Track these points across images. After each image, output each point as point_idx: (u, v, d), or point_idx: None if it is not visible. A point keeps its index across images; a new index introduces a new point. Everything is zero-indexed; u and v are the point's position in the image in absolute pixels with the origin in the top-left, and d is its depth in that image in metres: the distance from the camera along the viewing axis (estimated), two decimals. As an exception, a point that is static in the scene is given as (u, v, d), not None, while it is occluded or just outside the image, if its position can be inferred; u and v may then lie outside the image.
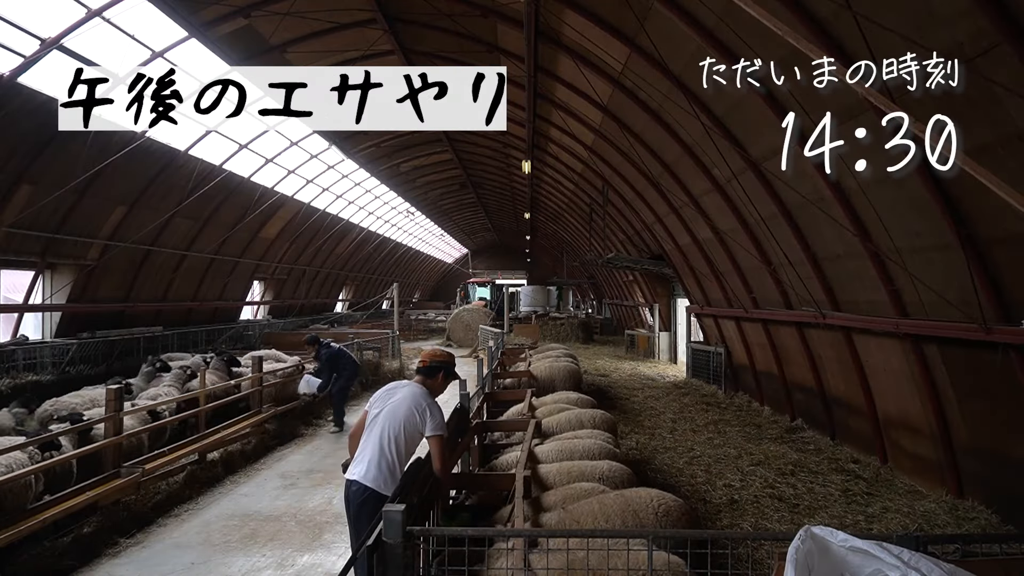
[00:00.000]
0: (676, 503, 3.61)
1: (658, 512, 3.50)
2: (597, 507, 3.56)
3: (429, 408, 3.76)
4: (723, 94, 7.82)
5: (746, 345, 11.70)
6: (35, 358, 11.93)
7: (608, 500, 3.62)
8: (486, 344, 14.87)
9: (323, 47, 12.50)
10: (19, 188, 10.61)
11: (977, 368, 5.82)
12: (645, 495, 3.66)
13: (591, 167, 15.47)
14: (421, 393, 3.83)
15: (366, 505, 3.48)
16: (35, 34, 8.82)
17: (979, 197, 4.88)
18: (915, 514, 5.90)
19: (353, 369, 10.19)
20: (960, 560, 2.31)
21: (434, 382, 4.02)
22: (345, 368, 9.90)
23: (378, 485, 3.53)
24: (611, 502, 3.59)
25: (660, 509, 3.51)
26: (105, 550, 5.13)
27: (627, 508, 3.52)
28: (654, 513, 3.49)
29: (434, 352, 4.20)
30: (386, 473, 3.58)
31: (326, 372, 9.77)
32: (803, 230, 7.95)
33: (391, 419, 3.71)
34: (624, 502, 3.58)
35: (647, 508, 3.52)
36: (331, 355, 9.83)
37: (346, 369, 9.91)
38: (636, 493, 3.69)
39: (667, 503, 3.57)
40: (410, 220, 32.17)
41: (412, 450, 3.77)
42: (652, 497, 3.61)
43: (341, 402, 9.89)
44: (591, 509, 3.56)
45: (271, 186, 17.93)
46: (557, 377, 9.16)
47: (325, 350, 9.86)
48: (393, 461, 3.62)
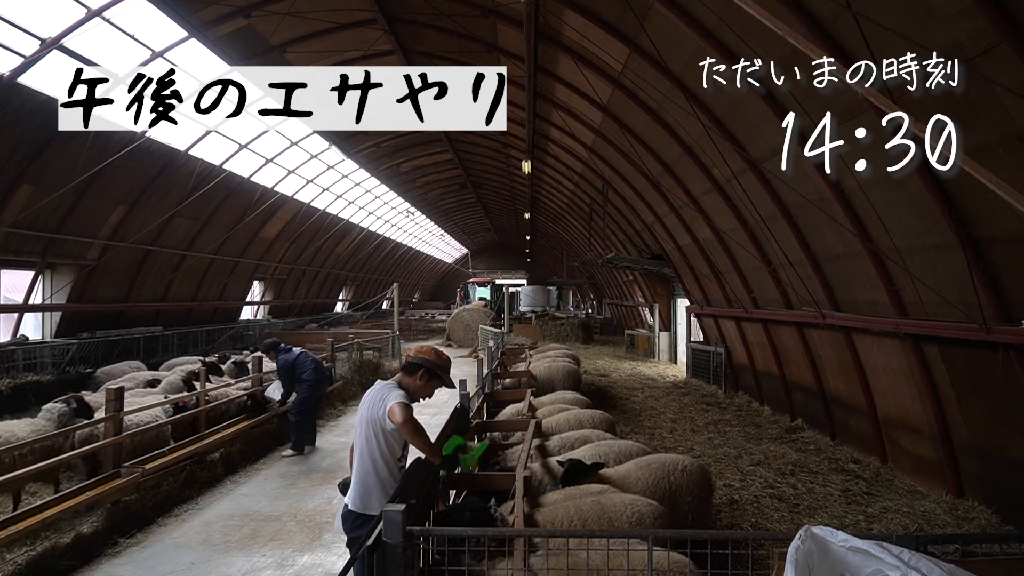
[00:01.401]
0: (649, 507, 3.61)
1: (631, 519, 3.50)
2: (574, 511, 3.56)
3: (386, 398, 3.35)
4: (723, 94, 7.82)
5: (746, 345, 11.70)
6: (35, 358, 11.93)
7: (584, 505, 3.64)
8: (486, 344, 14.87)
9: (323, 47, 12.51)
10: (19, 188, 10.62)
11: (977, 368, 5.82)
12: (619, 500, 3.66)
13: (591, 167, 15.48)
14: (387, 386, 3.46)
15: (355, 531, 3.36)
16: (35, 34, 8.83)
17: (979, 197, 4.88)
18: (915, 514, 5.90)
19: (317, 378, 8.45)
20: (960, 560, 2.31)
21: (412, 381, 3.50)
22: (306, 377, 8.30)
23: (364, 507, 3.36)
24: (587, 507, 3.61)
25: (634, 517, 3.51)
26: (105, 550, 5.13)
27: (603, 515, 3.53)
28: (627, 520, 3.49)
29: (420, 348, 3.70)
30: (371, 487, 3.36)
31: (285, 383, 8.45)
32: (803, 230, 7.95)
33: (361, 427, 3.42)
34: (600, 508, 3.59)
35: (621, 515, 3.53)
36: (287, 363, 8.28)
37: (308, 378, 8.30)
38: (611, 499, 3.70)
39: (640, 509, 3.57)
40: (410, 220, 32.17)
41: (395, 451, 3.45)
42: (627, 504, 3.62)
43: (302, 417, 8.23)
44: (567, 513, 3.57)
45: (271, 186, 17.95)
46: (556, 377, 9.17)
47: (282, 356, 8.32)
48: (374, 472, 3.36)
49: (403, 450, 3.57)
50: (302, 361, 8.38)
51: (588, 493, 3.93)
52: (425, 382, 3.52)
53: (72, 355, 12.61)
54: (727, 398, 12.13)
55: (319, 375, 8.54)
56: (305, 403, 8.28)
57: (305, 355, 8.54)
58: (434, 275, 54.69)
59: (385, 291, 26.14)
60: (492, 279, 39.86)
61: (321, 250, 25.37)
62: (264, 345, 8.84)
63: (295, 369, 8.29)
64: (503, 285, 31.30)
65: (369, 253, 31.29)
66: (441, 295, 54.99)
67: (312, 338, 17.53)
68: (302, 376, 8.28)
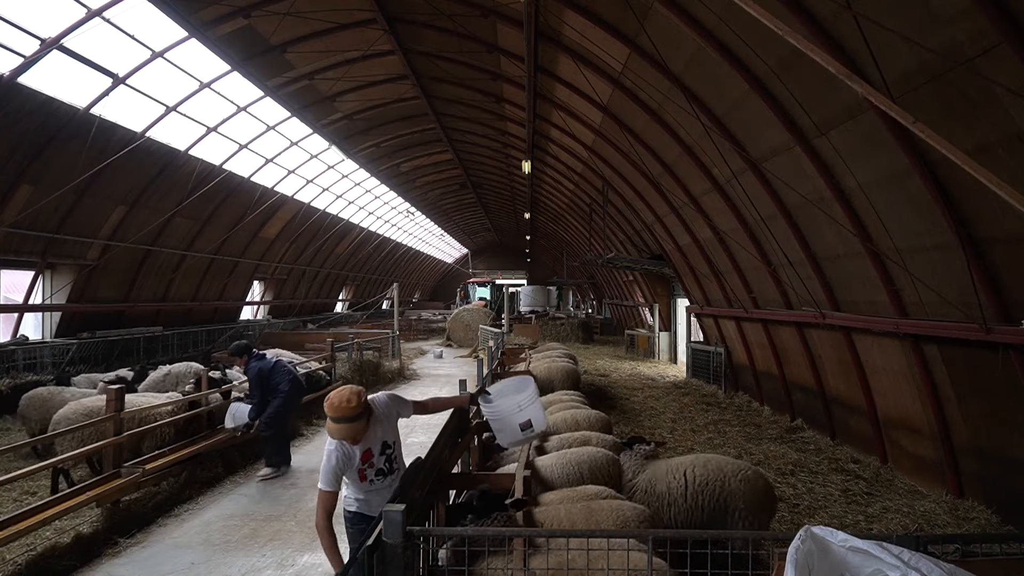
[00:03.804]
0: (634, 511, 3.62)
1: (616, 523, 3.52)
2: (564, 514, 3.59)
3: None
4: (723, 94, 7.84)
5: (746, 345, 11.70)
6: (35, 358, 11.94)
7: (575, 509, 3.66)
8: (486, 344, 14.87)
9: (323, 47, 12.51)
10: (19, 188, 10.62)
11: (977, 368, 5.82)
12: (607, 505, 3.69)
13: (591, 167, 15.48)
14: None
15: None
16: (35, 34, 8.83)
17: (979, 197, 4.88)
18: (915, 514, 5.91)
19: (293, 389, 7.45)
20: (960, 560, 2.31)
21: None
22: (282, 388, 7.30)
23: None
24: (577, 511, 3.63)
25: (619, 520, 3.53)
26: (105, 550, 5.13)
27: (590, 518, 3.56)
28: (613, 524, 3.51)
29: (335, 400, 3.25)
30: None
31: (256, 394, 7.26)
32: (803, 230, 7.95)
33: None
34: (588, 512, 3.62)
35: (607, 519, 3.54)
36: (260, 371, 7.19)
37: (284, 389, 7.30)
38: (599, 504, 3.72)
39: (624, 513, 3.58)
40: (410, 220, 32.18)
41: (351, 479, 3.42)
42: (612, 508, 3.63)
43: (276, 432, 7.31)
44: (557, 516, 3.58)
45: (271, 186, 17.96)
46: (556, 377, 9.20)
47: (255, 363, 7.22)
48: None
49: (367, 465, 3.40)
50: (278, 370, 7.34)
51: (587, 495, 3.93)
52: (337, 428, 3.23)
53: (72, 355, 12.61)
54: (727, 398, 12.14)
55: (296, 388, 7.55)
56: (279, 417, 7.26)
57: (282, 364, 7.55)
58: (434, 275, 54.71)
59: (385, 291, 26.13)
60: (492, 279, 39.90)
61: (321, 250, 25.39)
62: (234, 347, 7.36)
63: (270, 379, 7.26)
64: (503, 285, 31.32)
65: (369, 253, 31.30)
66: (441, 295, 55.03)
67: (312, 338, 17.55)
68: (278, 386, 7.26)
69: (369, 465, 3.39)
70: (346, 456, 3.29)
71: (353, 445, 3.32)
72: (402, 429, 3.73)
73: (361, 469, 3.36)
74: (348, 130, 17.39)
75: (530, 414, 3.87)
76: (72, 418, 6.71)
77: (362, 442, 3.34)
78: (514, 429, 3.86)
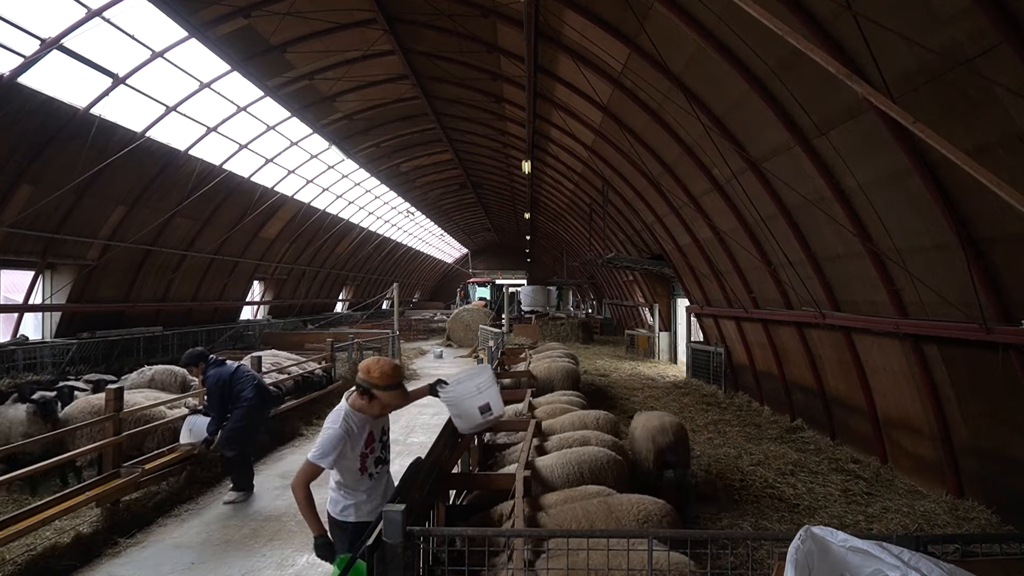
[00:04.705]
0: (655, 505, 3.61)
1: (638, 518, 3.50)
2: (580, 512, 3.58)
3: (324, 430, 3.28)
4: (723, 94, 7.84)
5: (746, 345, 11.70)
6: (35, 358, 11.94)
7: (591, 506, 3.65)
8: (486, 344, 14.87)
9: (323, 47, 12.52)
10: (19, 188, 10.62)
11: (977, 368, 5.82)
12: (626, 500, 3.68)
13: (591, 167, 15.48)
14: (336, 409, 3.38)
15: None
16: (35, 34, 8.83)
17: (979, 197, 4.88)
18: (915, 514, 5.90)
19: (258, 398, 6.57)
20: (960, 560, 2.31)
21: (356, 399, 3.34)
22: (244, 397, 6.44)
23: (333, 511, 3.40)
24: (594, 508, 3.62)
25: (640, 515, 3.52)
26: (105, 550, 5.13)
27: (610, 515, 3.54)
28: (635, 519, 3.50)
29: (363, 364, 3.39)
30: (335, 498, 3.39)
31: (215, 406, 6.44)
32: (803, 230, 7.95)
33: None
34: (607, 508, 3.61)
35: (627, 514, 3.53)
36: (218, 379, 6.35)
37: (245, 398, 6.44)
38: (617, 499, 3.71)
39: (646, 507, 3.57)
40: (410, 220, 32.18)
41: (348, 468, 3.32)
42: (632, 503, 3.62)
43: (240, 449, 6.43)
44: (574, 514, 3.57)
45: (271, 186, 17.96)
46: (556, 377, 9.19)
47: (213, 371, 6.40)
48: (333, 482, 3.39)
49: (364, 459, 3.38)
50: (240, 376, 6.53)
51: (588, 495, 3.93)
52: (367, 401, 3.30)
53: (72, 355, 12.61)
54: (727, 398, 12.14)
55: (262, 396, 6.66)
56: (241, 431, 6.41)
57: (244, 369, 6.77)
58: (434, 275, 54.72)
59: (385, 291, 26.12)
60: (492, 279, 39.90)
61: (321, 250, 25.39)
62: (187, 356, 6.51)
63: (231, 387, 6.43)
64: (503, 285, 31.32)
65: (369, 253, 31.30)
66: (441, 295, 55.04)
67: (312, 338, 17.55)
68: (240, 394, 6.44)
69: (371, 451, 3.37)
70: (356, 430, 3.26)
71: (378, 417, 3.36)
72: (402, 429, 3.73)
73: (364, 454, 3.32)
74: (348, 130, 17.40)
75: (488, 397, 3.89)
76: (79, 417, 6.84)
77: (369, 424, 3.34)
78: (473, 414, 3.87)
